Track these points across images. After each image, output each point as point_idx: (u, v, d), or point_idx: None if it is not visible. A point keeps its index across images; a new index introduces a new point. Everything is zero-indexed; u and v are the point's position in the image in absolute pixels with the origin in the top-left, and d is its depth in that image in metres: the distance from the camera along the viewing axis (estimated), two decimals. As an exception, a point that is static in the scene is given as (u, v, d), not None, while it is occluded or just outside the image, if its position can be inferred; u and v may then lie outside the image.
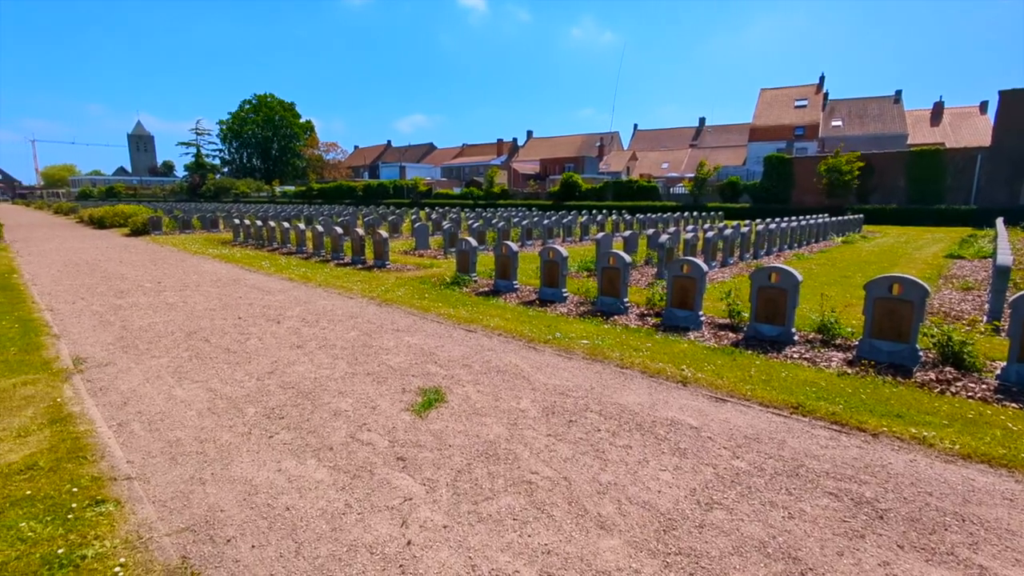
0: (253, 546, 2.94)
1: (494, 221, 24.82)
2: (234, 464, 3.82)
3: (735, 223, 20.37)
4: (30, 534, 2.91)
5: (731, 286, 9.64)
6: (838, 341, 6.62)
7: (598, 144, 71.65)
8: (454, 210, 39.34)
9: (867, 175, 34.68)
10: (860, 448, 4.04)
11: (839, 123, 53.10)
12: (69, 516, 3.08)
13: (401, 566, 2.77)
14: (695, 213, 32.54)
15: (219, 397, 5.05)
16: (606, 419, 4.55)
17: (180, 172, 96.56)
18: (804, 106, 54.51)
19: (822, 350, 6.34)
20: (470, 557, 2.84)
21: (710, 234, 13.31)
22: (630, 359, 6.10)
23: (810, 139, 51.19)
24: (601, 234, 13.71)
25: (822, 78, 55.92)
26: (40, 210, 49.93)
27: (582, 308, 8.81)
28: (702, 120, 73.30)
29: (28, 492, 3.30)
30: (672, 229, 16.73)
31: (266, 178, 79.71)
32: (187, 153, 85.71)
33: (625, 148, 76.44)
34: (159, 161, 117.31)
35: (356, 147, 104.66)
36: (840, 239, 21.76)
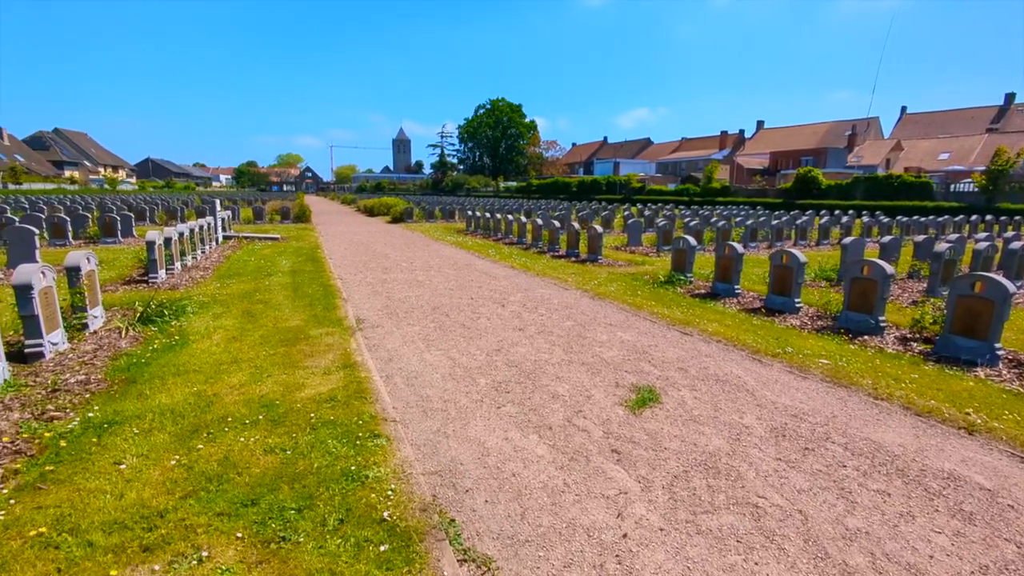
0: (486, 501, 3.33)
1: (713, 220, 23.19)
2: (470, 426, 4.37)
3: (1059, 232, 15.25)
4: (333, 450, 3.79)
5: (1050, 315, 7.30)
6: None
7: (848, 133, 60.72)
8: (668, 207, 37.90)
9: None
10: None
11: None
12: (357, 442, 3.92)
13: (617, 556, 2.83)
14: (988, 217, 25.39)
15: (457, 365, 5.81)
16: (854, 455, 3.90)
17: (427, 170, 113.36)
18: None
19: None
20: (688, 568, 2.75)
21: (1016, 244, 10.25)
22: (887, 390, 5.11)
23: None
24: (849, 239, 11.66)
25: None
26: (332, 201, 64.01)
27: (819, 322, 7.68)
28: (1009, 96, 56.27)
29: (331, 418, 4.30)
30: (953, 236, 13.34)
31: (493, 174, 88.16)
32: (433, 153, 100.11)
33: (886, 136, 63.37)
34: (412, 160, 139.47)
35: (574, 144, 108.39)
36: None
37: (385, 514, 3.06)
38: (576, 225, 15.27)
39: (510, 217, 20.63)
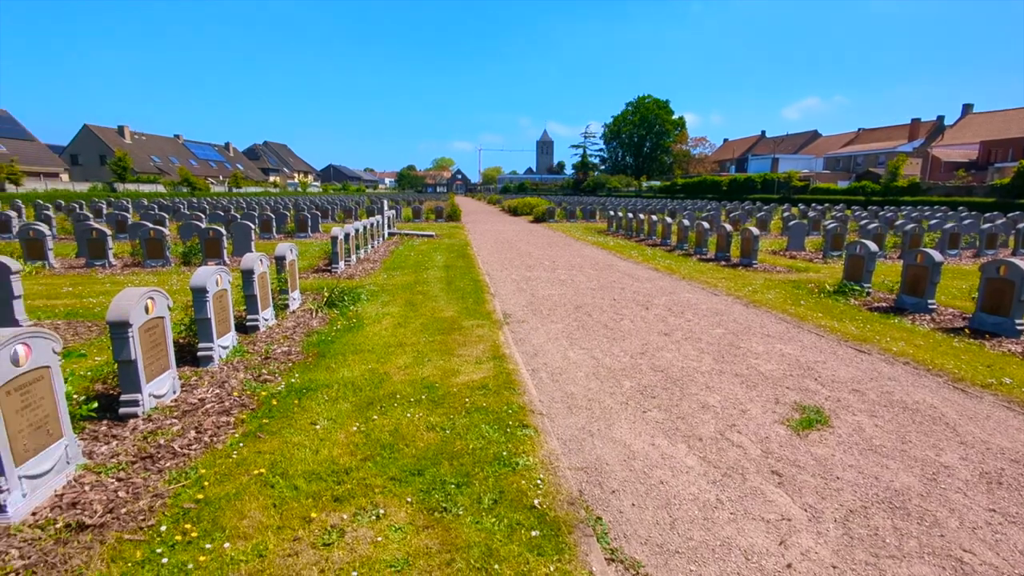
0: (633, 504, 3.29)
1: (898, 222, 19.98)
2: (615, 427, 4.34)
3: None
4: (486, 434, 4.05)
5: None
6: None
7: (1103, 113, 47.70)
8: (837, 207, 33.52)
9: None
10: None
11: None
12: (507, 430, 4.13)
13: (780, 585, 2.61)
14: None
15: (600, 366, 5.81)
16: (1107, 520, 3.10)
17: (568, 170, 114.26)
18: None
19: None
20: (868, 613, 2.44)
21: None
22: None
23: None
24: (1102, 248, 9.20)
25: None
26: (479, 201, 67.78)
27: (1053, 351, 6.21)
28: None
29: (483, 404, 4.59)
30: None
31: (635, 174, 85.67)
32: (575, 154, 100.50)
33: None
34: (555, 161, 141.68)
35: (725, 140, 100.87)
36: None
37: (535, 502, 3.20)
38: (727, 227, 14.24)
39: (653, 217, 19.95)
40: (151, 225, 12.73)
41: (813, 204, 37.10)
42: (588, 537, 2.91)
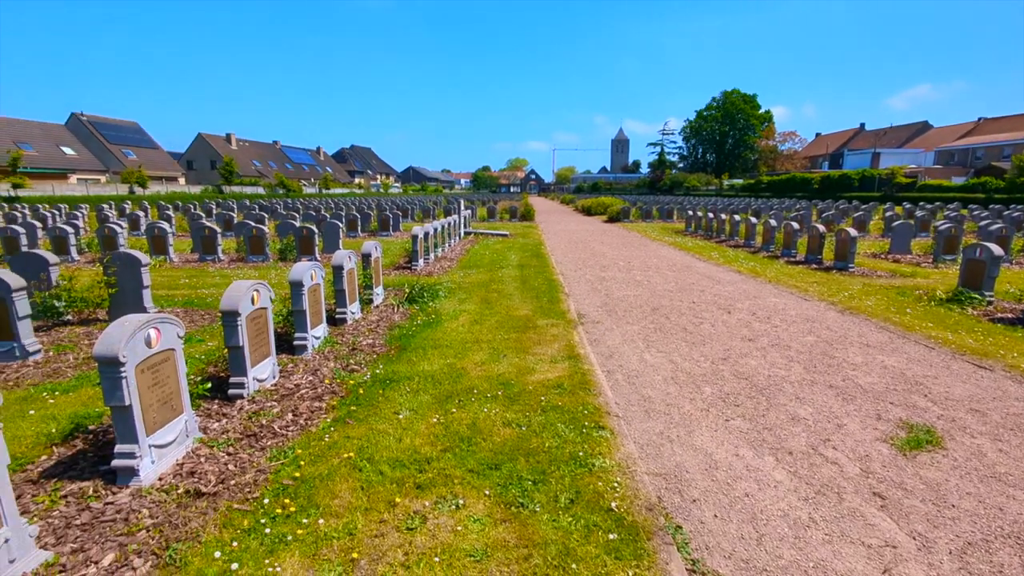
0: (715, 516, 3.16)
1: (1028, 223, 17.63)
2: (695, 434, 4.19)
3: None
4: (561, 434, 4.05)
5: None
6: None
7: None
8: (951, 206, 30.16)
9: None
10: None
11: None
12: (582, 430, 4.11)
13: (884, 616, 2.41)
14: None
15: (679, 370, 5.62)
16: None
17: (644, 169, 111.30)
18: None
19: None
20: (991, 659, 2.19)
21: None
22: None
23: None
24: None
25: None
26: (552, 200, 67.75)
27: None
28: None
29: (559, 403, 4.59)
30: None
31: (716, 172, 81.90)
32: (652, 152, 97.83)
33: None
34: (630, 160, 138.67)
35: (817, 134, 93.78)
36: None
37: (612, 504, 3.16)
38: (820, 227, 13.25)
39: (736, 217, 18.98)
40: (253, 224, 13.88)
41: (921, 203, 33.63)
42: (668, 545, 2.84)
